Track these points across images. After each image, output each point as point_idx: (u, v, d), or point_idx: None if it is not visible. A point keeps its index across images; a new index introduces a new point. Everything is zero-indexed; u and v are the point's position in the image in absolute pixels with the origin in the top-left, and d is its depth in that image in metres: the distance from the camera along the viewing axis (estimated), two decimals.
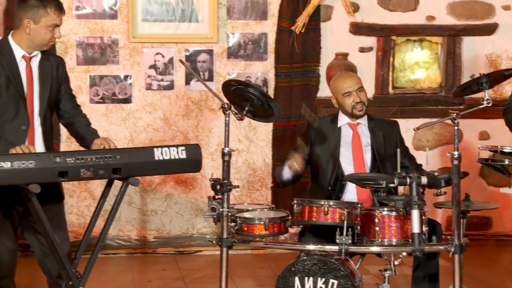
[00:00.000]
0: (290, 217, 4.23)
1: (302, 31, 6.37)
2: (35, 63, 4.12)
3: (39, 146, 4.07)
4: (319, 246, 4.07)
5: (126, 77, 6.35)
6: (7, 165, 3.52)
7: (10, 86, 4.00)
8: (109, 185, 4.05)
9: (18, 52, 4.07)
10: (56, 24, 4.08)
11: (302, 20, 6.35)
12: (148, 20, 6.30)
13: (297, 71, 6.46)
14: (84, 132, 4.24)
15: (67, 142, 6.17)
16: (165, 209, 6.50)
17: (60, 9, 4.10)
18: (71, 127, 4.31)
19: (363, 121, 4.79)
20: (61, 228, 4.19)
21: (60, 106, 4.27)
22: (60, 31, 4.13)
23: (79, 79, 6.25)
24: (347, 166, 4.69)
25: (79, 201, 6.36)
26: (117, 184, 4.00)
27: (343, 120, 4.79)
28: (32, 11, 4.03)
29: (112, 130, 6.34)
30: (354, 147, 4.74)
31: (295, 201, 4.18)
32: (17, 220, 4.09)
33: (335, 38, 6.56)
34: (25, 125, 4.03)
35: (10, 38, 4.10)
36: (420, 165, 4.79)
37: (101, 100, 6.32)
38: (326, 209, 4.07)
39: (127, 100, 6.36)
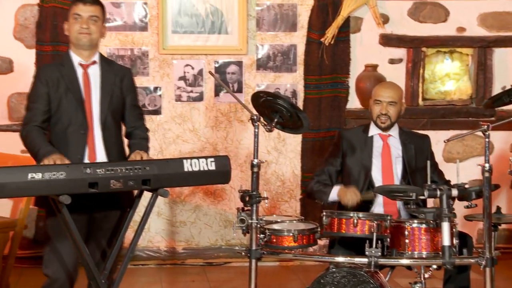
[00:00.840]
0: (319, 229, 4.22)
1: (332, 42, 6.36)
2: (93, 70, 4.22)
3: (100, 150, 4.14)
4: (348, 258, 4.05)
5: (156, 88, 6.38)
6: (38, 176, 3.56)
7: (68, 93, 4.12)
8: (138, 196, 4.06)
9: (76, 59, 4.22)
10: (76, 13, 4.16)
11: (331, 31, 6.34)
12: (178, 32, 6.34)
13: (326, 83, 6.44)
14: (131, 145, 4.28)
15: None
16: (194, 220, 6.50)
17: (81, 0, 4.19)
18: (128, 138, 4.36)
19: (394, 133, 4.77)
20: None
21: (124, 116, 4.33)
22: (88, 22, 4.17)
23: None
24: (377, 177, 4.67)
25: None
26: (147, 195, 4.01)
27: (374, 130, 4.78)
28: (68, 13, 4.24)
29: None
30: (384, 158, 4.72)
31: (324, 213, 4.17)
32: (85, 230, 4.14)
33: (365, 50, 6.54)
34: (84, 130, 4.11)
35: (69, 49, 4.27)
36: (449, 181, 4.75)
37: None
38: (355, 221, 4.06)
39: (156, 112, 6.39)
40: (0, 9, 6.18)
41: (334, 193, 4.62)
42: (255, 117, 4.12)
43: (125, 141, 4.37)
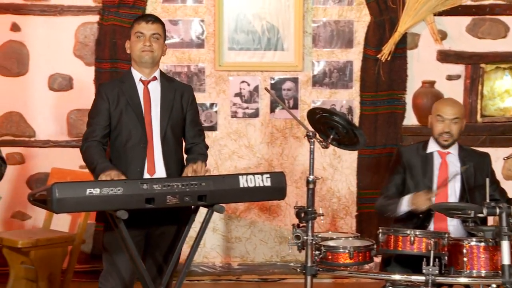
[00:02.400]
0: (375, 246, 4.19)
1: (388, 59, 6.32)
2: (153, 86, 4.30)
3: (159, 164, 4.19)
4: (405, 276, 4.01)
5: (212, 105, 6.42)
6: (96, 191, 3.60)
7: (128, 108, 4.19)
8: (194, 211, 4.08)
9: (137, 76, 4.30)
10: (139, 31, 4.22)
11: (388, 48, 6.31)
12: (234, 49, 6.37)
13: (382, 99, 6.40)
14: (188, 160, 4.32)
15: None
16: (249, 236, 6.51)
17: (142, 18, 4.30)
18: (187, 154, 4.40)
19: (453, 150, 4.72)
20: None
21: (185, 133, 4.38)
22: (150, 40, 4.25)
23: None
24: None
25: None
26: (202, 210, 4.03)
27: (433, 146, 4.73)
28: (130, 31, 4.33)
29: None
30: (440, 176, 4.67)
31: (381, 230, 4.14)
32: (142, 245, 4.18)
33: (422, 66, 6.49)
34: (144, 143, 4.17)
35: (131, 66, 4.35)
36: (511, 199, 4.67)
37: None
38: (412, 238, 4.02)
39: (212, 128, 6.43)
40: (61, 27, 6.30)
41: (405, 202, 4.56)
42: (310, 134, 4.12)
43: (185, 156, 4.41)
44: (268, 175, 4.00)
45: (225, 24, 6.33)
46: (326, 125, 4.18)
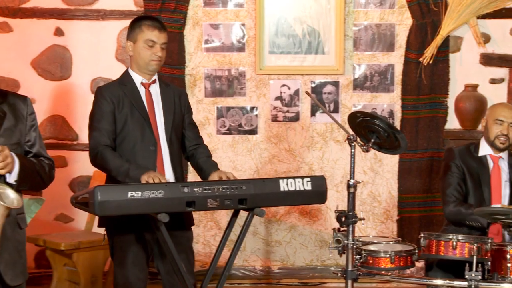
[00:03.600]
0: (416, 251, 4.15)
1: (430, 62, 6.27)
2: (154, 89, 4.30)
3: (167, 166, 4.21)
4: (447, 281, 3.97)
5: (252, 108, 6.43)
6: (138, 194, 3.62)
7: (134, 111, 4.17)
8: (235, 215, 4.09)
9: (137, 79, 4.27)
10: (151, 39, 4.20)
11: (430, 51, 6.26)
12: (275, 53, 6.38)
13: (424, 103, 6.35)
14: (203, 164, 4.31)
15: (194, 173, 6.28)
16: (290, 240, 6.50)
17: (154, 26, 4.24)
18: (192, 159, 4.40)
19: (505, 155, 4.68)
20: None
21: (184, 136, 4.39)
22: (161, 49, 4.24)
23: (206, 111, 6.38)
24: (488, 198, 4.58)
25: (205, 231, 6.45)
26: (243, 214, 4.03)
27: (484, 150, 4.69)
28: (131, 34, 4.27)
29: (238, 161, 6.43)
30: (493, 180, 4.62)
31: (422, 235, 4.11)
32: (149, 250, 4.19)
33: (465, 69, 6.43)
34: (153, 146, 4.17)
35: (129, 68, 4.32)
36: None
37: (228, 131, 6.42)
38: (454, 243, 3.98)
39: (253, 132, 6.44)
40: (103, 31, 6.37)
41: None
42: (351, 137, 4.10)
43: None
44: (308, 179, 3.99)
45: (266, 28, 6.34)
46: (367, 129, 4.16)
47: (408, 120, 6.37)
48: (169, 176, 4.18)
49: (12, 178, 3.23)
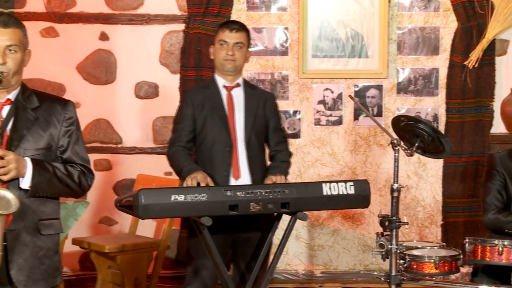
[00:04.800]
0: (461, 256, 4.11)
1: (476, 65, 6.21)
2: (236, 92, 4.36)
3: (244, 169, 4.24)
4: (493, 287, 3.92)
5: (295, 112, 6.42)
6: (181, 197, 3.64)
7: (213, 113, 4.26)
8: (277, 219, 4.08)
9: (220, 82, 4.36)
10: (223, 39, 4.26)
11: (475, 54, 6.19)
12: (318, 56, 6.36)
13: (469, 107, 6.29)
14: (270, 168, 4.34)
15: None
16: (332, 244, 6.48)
17: (227, 26, 4.32)
18: (271, 161, 4.43)
19: None
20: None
21: (268, 139, 4.42)
22: (233, 49, 4.29)
23: None
24: None
25: None
26: (285, 218, 4.03)
27: None
28: (214, 37, 4.38)
29: None
30: None
31: (467, 240, 4.07)
32: (228, 250, 4.24)
33: (511, 73, 6.34)
34: (229, 148, 4.22)
35: (215, 72, 4.41)
36: None
37: None
38: (500, 249, 3.94)
39: (295, 135, 6.43)
40: (147, 35, 6.42)
41: None
42: (395, 141, 4.09)
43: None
44: (351, 183, 3.97)
45: (309, 32, 6.33)
46: (411, 133, 4.13)
47: (453, 124, 6.31)
48: (246, 178, 4.22)
49: (25, 183, 3.23)
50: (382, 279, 4.09)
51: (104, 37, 6.45)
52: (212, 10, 6.26)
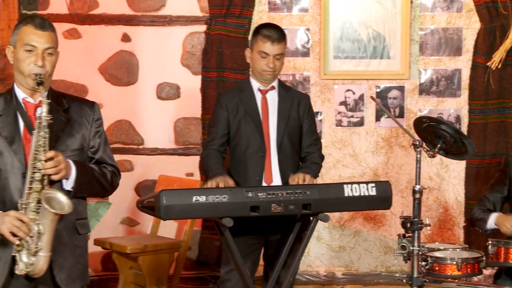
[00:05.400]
0: (484, 258, 4.08)
1: (499, 66, 6.16)
2: (271, 95, 4.36)
3: (276, 173, 4.26)
4: None
5: (316, 113, 6.41)
6: (202, 198, 3.65)
7: (247, 117, 4.28)
8: (299, 220, 4.08)
9: (255, 85, 4.37)
10: (263, 51, 4.25)
11: (499, 55, 6.15)
12: (339, 57, 6.35)
13: (492, 108, 6.24)
14: (299, 168, 4.34)
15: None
16: (354, 245, 6.46)
17: (268, 37, 4.28)
18: (302, 163, 4.43)
19: None
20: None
21: (301, 141, 4.42)
22: (274, 61, 4.28)
23: None
24: None
25: None
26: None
27: None
28: (251, 41, 4.39)
29: None
30: None
31: (490, 242, 4.05)
32: (259, 251, 4.25)
33: None
34: (262, 152, 4.24)
35: (250, 75, 4.42)
36: None
37: None
38: None
39: None
40: (169, 37, 6.44)
41: (492, 221, 4.43)
42: (417, 143, 4.07)
43: None
44: (373, 184, 3.95)
45: (331, 33, 6.32)
46: (433, 134, 4.11)
47: (475, 125, 6.28)
48: (277, 182, 4.23)
49: (68, 184, 3.26)
50: (404, 281, 4.07)
51: (126, 38, 6.47)
52: (233, 11, 6.27)
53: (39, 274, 3.17)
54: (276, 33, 4.31)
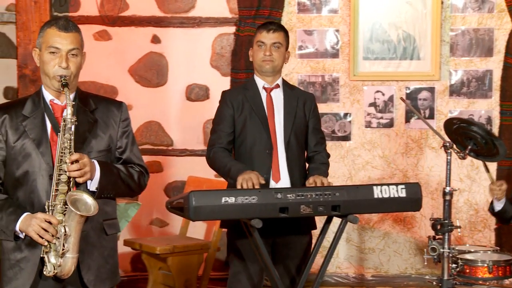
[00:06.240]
0: None
1: None
2: (276, 93, 4.33)
3: (283, 171, 4.22)
4: None
5: (345, 114, 6.40)
6: (231, 200, 3.65)
7: (253, 114, 4.24)
8: (328, 221, 4.07)
9: (260, 83, 4.33)
10: (261, 40, 4.26)
11: None
12: (369, 59, 6.33)
13: None
14: (310, 169, 4.31)
15: None
16: (383, 247, 6.44)
17: (264, 27, 4.28)
18: (309, 163, 4.40)
19: None
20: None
21: (307, 141, 4.39)
22: (270, 49, 4.23)
23: None
24: None
25: None
26: (336, 220, 4.01)
27: None
28: (252, 39, 4.35)
29: (331, 167, 6.32)
30: None
31: None
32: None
33: None
34: (269, 150, 4.21)
35: (254, 73, 4.38)
36: None
37: None
38: None
39: (346, 138, 6.40)
40: (199, 38, 6.46)
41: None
42: (447, 144, 4.05)
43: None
44: (403, 186, 3.93)
45: (360, 34, 6.30)
46: (463, 136, 4.09)
47: (507, 126, 6.22)
48: (285, 180, 4.21)
49: (93, 185, 3.27)
50: (434, 283, 4.05)
51: (156, 40, 6.50)
52: (263, 12, 6.27)
53: (67, 275, 3.19)
54: (272, 24, 4.33)
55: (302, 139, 4.34)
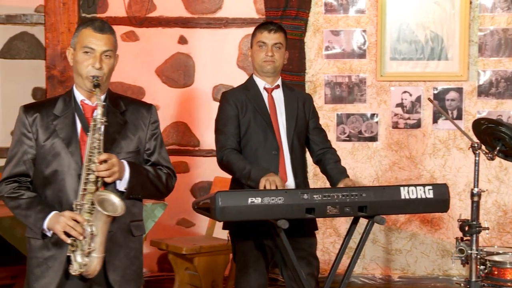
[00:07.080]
0: None
1: None
2: (277, 94, 4.33)
3: (289, 172, 4.21)
4: None
5: (372, 115, 6.38)
6: (258, 200, 3.65)
7: (257, 115, 4.22)
8: (354, 222, 4.05)
9: (260, 84, 4.31)
10: (261, 41, 4.25)
11: None
12: (396, 59, 6.31)
13: None
14: (331, 171, 4.28)
15: (313, 179, 6.30)
16: (410, 248, 6.40)
17: (264, 28, 4.26)
18: (320, 164, 4.38)
19: None
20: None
21: (309, 141, 4.38)
22: (272, 50, 4.22)
23: (326, 118, 6.37)
24: None
25: (324, 238, 6.44)
26: (362, 221, 4.00)
27: None
28: (251, 39, 4.33)
29: (358, 168, 6.38)
30: None
31: None
32: (269, 256, 4.21)
33: None
34: (275, 151, 4.19)
35: (253, 74, 4.36)
36: None
37: (348, 138, 6.39)
38: None
39: (373, 139, 6.38)
40: (225, 39, 6.48)
41: None
42: (476, 145, 4.02)
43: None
44: (430, 187, 3.90)
45: (388, 34, 6.28)
46: (492, 136, 4.06)
47: None
48: (290, 181, 4.20)
49: (122, 185, 3.29)
50: (462, 285, 4.02)
51: (183, 40, 6.53)
52: (290, 13, 6.27)
53: (93, 274, 3.20)
54: (273, 24, 4.31)
55: (303, 140, 4.34)
